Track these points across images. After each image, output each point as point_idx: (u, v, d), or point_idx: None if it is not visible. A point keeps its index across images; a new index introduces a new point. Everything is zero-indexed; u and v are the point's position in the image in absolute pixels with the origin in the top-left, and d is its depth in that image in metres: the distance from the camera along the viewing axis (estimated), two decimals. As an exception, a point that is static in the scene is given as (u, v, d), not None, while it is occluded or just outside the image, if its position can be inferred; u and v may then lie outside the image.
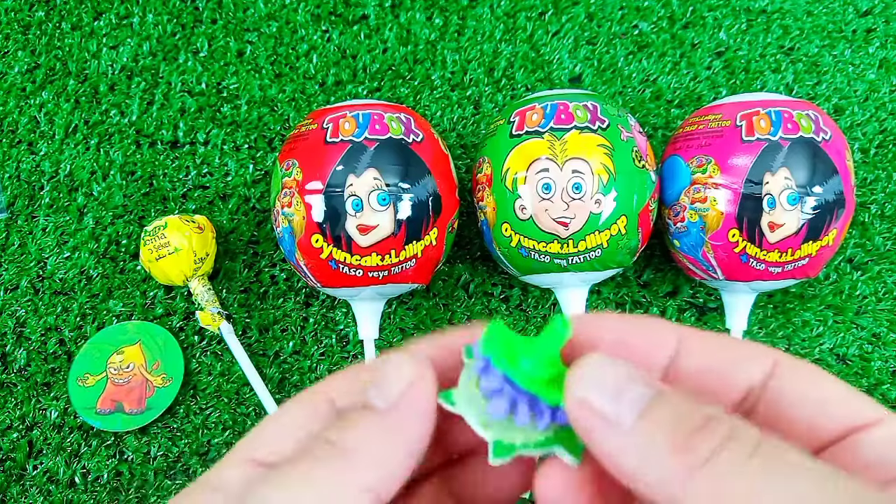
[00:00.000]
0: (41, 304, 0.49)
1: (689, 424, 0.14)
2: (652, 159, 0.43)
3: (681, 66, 0.54)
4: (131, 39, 0.55)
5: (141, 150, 0.52)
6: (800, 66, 0.54)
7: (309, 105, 0.53)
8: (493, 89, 0.54)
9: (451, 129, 0.53)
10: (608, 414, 0.14)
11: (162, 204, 0.51)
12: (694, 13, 0.55)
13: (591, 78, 0.54)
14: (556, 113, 0.40)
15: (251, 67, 0.54)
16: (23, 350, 0.47)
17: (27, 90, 0.54)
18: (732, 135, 0.40)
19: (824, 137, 0.40)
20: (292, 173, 0.41)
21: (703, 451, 0.13)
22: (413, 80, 0.54)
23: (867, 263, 0.49)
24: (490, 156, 0.42)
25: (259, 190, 0.51)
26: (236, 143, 0.52)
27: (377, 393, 0.16)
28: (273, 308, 0.48)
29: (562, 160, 0.39)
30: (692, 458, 0.13)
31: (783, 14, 0.56)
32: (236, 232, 0.50)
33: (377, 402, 0.16)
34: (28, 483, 0.44)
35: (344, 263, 0.40)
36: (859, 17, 0.56)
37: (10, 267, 0.50)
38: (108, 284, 0.49)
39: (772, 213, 0.39)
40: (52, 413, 0.46)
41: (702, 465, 0.13)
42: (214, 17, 0.56)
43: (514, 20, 0.55)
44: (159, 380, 0.45)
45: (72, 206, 0.51)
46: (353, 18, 0.56)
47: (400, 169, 0.40)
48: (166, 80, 0.54)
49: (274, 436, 0.17)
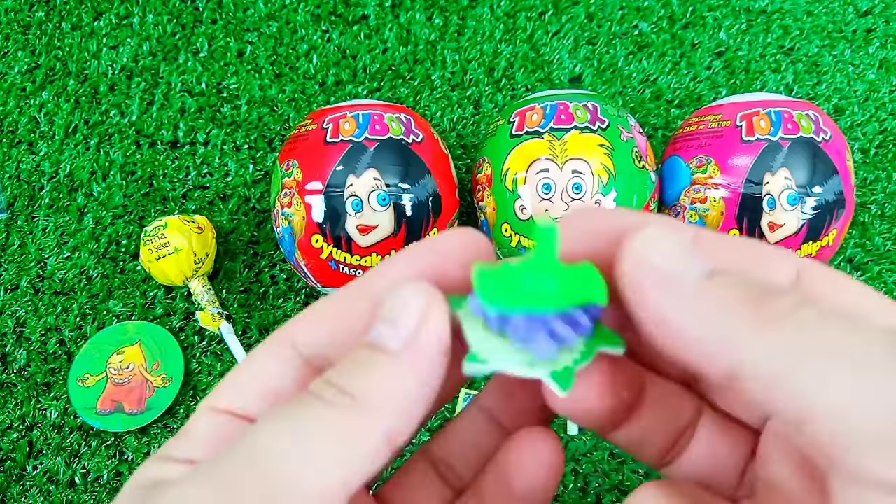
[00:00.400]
0: (41, 304, 0.49)
1: (758, 287, 0.13)
2: (652, 159, 0.43)
3: (681, 66, 0.54)
4: (131, 39, 0.55)
5: (141, 150, 0.52)
6: (800, 66, 0.54)
7: (309, 105, 0.53)
8: (493, 89, 0.54)
9: (451, 129, 0.53)
10: (672, 271, 0.13)
11: (162, 204, 0.51)
12: (694, 13, 0.55)
13: (591, 78, 0.54)
14: (556, 113, 0.40)
15: (251, 67, 0.54)
16: (23, 350, 0.47)
17: (27, 90, 0.54)
18: (732, 135, 0.40)
19: (824, 137, 0.40)
20: (292, 173, 0.41)
21: (780, 306, 0.12)
22: (413, 80, 0.54)
23: (867, 263, 0.49)
24: (490, 156, 0.42)
25: (259, 190, 0.51)
26: (236, 143, 0.52)
27: (389, 331, 0.14)
28: (273, 308, 0.48)
29: (562, 160, 0.39)
30: (767, 311, 0.12)
31: (783, 14, 0.56)
32: (236, 232, 0.50)
33: (390, 342, 0.14)
34: (28, 483, 0.44)
35: (344, 263, 0.40)
36: (859, 17, 0.56)
37: (10, 267, 0.50)
38: (108, 284, 0.49)
39: (772, 213, 0.39)
40: (52, 413, 0.46)
41: (778, 320, 0.12)
42: (214, 17, 0.56)
43: (514, 20, 0.55)
44: (159, 380, 0.45)
45: (72, 206, 0.51)
46: (353, 18, 0.56)
47: (400, 169, 0.40)
48: (166, 80, 0.54)
49: (244, 385, 0.16)
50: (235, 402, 0.16)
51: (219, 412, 0.16)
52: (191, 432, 0.16)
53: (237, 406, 0.16)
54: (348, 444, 0.13)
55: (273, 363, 0.16)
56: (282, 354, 0.16)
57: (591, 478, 0.44)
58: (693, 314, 0.13)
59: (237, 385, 0.17)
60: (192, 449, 0.15)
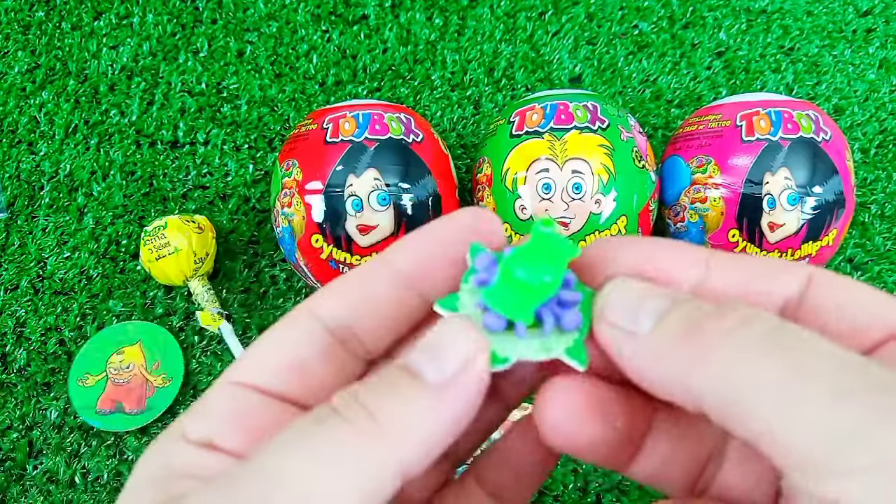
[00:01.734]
0: (41, 304, 0.49)
1: (700, 315, 0.13)
2: (652, 159, 0.43)
3: (681, 66, 0.54)
4: (131, 39, 0.55)
5: (141, 150, 0.52)
6: (800, 66, 0.54)
7: (309, 105, 0.53)
8: (493, 89, 0.54)
9: (451, 129, 0.53)
10: (628, 325, 0.14)
11: (162, 204, 0.51)
12: (694, 13, 0.55)
13: (591, 78, 0.54)
14: (556, 113, 0.40)
15: (251, 67, 0.54)
16: (23, 350, 0.47)
17: (27, 90, 0.54)
18: (732, 135, 0.40)
19: (824, 137, 0.40)
20: (292, 173, 0.41)
21: (713, 334, 0.13)
22: (413, 80, 0.54)
23: (867, 263, 0.49)
24: (490, 156, 0.42)
25: (259, 190, 0.51)
26: (236, 143, 0.52)
27: (431, 361, 0.14)
28: (273, 308, 0.48)
29: (562, 160, 0.39)
30: (700, 342, 0.13)
31: (783, 14, 0.56)
32: (236, 232, 0.50)
33: (429, 373, 0.14)
34: (28, 483, 0.44)
35: (344, 263, 0.40)
36: (859, 17, 0.56)
37: (10, 267, 0.50)
38: (108, 284, 0.49)
39: (772, 213, 0.39)
40: (52, 413, 0.46)
41: (712, 350, 0.13)
42: (214, 17, 0.56)
43: (514, 20, 0.55)
44: (159, 380, 0.45)
45: (72, 206, 0.51)
46: (353, 18, 0.56)
47: (400, 169, 0.40)
48: (166, 80, 0.54)
49: (266, 358, 0.16)
50: (258, 377, 0.16)
51: (240, 386, 0.15)
52: (209, 408, 0.15)
53: (260, 381, 0.16)
54: (364, 472, 0.13)
55: (295, 333, 0.16)
56: (304, 325, 0.16)
57: (591, 478, 0.44)
58: (646, 357, 0.14)
59: (259, 358, 0.16)
60: (210, 426, 0.15)
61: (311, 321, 0.16)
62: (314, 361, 0.16)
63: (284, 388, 0.16)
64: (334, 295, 0.16)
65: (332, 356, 0.16)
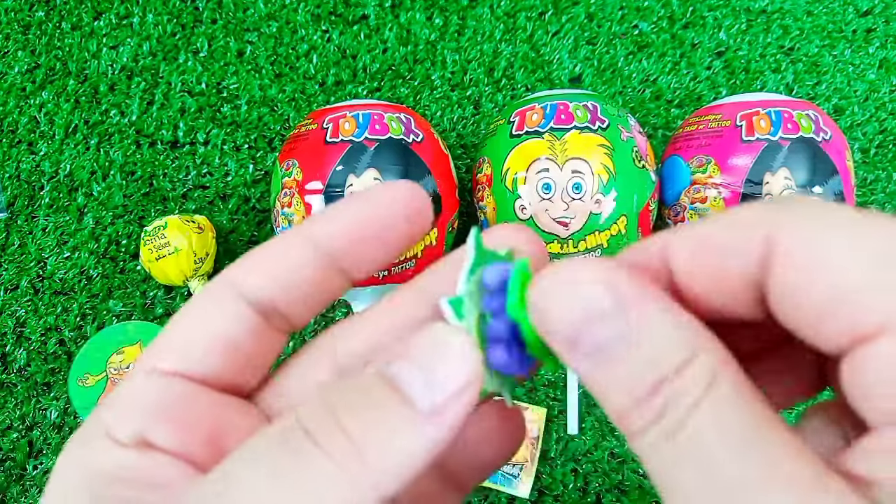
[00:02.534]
0: (41, 304, 0.49)
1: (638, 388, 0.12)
2: (652, 159, 0.43)
3: (681, 66, 0.54)
4: (131, 39, 0.55)
5: (141, 150, 0.52)
6: (800, 66, 0.54)
7: (309, 105, 0.53)
8: (493, 89, 0.54)
9: (451, 129, 0.53)
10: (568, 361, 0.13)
11: (162, 204, 0.51)
12: (694, 13, 0.55)
13: (591, 78, 0.54)
14: (556, 113, 0.40)
15: (251, 67, 0.54)
16: (23, 350, 0.47)
17: (27, 90, 0.54)
18: (732, 135, 0.40)
19: (824, 137, 0.40)
20: (292, 173, 0.41)
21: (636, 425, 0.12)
22: (413, 80, 0.54)
23: (867, 263, 0.49)
24: (490, 156, 0.42)
25: (259, 190, 0.51)
26: (236, 143, 0.52)
27: (424, 386, 0.13)
28: (273, 308, 0.48)
29: (562, 160, 0.39)
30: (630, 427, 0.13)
31: (783, 14, 0.56)
32: (236, 232, 0.50)
33: (422, 401, 0.13)
34: (28, 483, 0.44)
35: (344, 263, 0.40)
36: (859, 17, 0.56)
37: (10, 267, 0.50)
38: (108, 284, 0.49)
39: (772, 213, 0.39)
40: (52, 413, 0.46)
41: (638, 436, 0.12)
42: (214, 17, 0.56)
43: (514, 20, 0.55)
44: (159, 380, 0.45)
45: (72, 206, 0.51)
46: (353, 18, 0.56)
47: (400, 169, 0.40)
48: (166, 80, 0.54)
49: (189, 339, 0.14)
50: (183, 362, 0.14)
51: (163, 375, 0.14)
52: (133, 401, 0.14)
53: (186, 366, 0.14)
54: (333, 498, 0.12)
55: (218, 311, 0.14)
56: (226, 301, 0.15)
57: (591, 478, 0.44)
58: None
59: (182, 340, 0.14)
60: (138, 422, 0.13)
61: (234, 296, 0.15)
62: (242, 340, 0.15)
63: (213, 372, 0.14)
64: (253, 267, 0.15)
65: (259, 334, 0.15)
